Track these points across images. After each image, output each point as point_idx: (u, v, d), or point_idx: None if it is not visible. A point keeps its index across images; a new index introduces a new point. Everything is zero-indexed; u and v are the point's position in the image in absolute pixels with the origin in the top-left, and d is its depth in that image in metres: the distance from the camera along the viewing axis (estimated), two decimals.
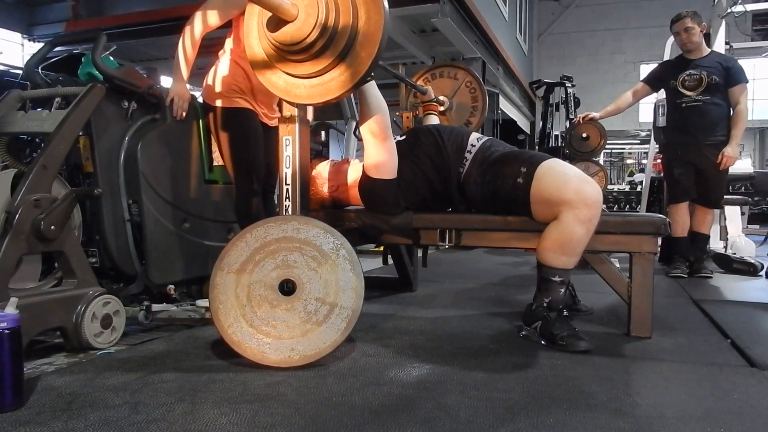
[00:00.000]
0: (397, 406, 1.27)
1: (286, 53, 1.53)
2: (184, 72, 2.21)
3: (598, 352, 1.70)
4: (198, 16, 2.16)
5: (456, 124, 2.91)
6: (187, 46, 2.17)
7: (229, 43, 2.28)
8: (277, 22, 1.48)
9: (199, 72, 2.38)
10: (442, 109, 2.90)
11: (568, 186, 1.73)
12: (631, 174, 12.01)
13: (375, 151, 1.87)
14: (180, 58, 2.18)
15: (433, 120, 2.76)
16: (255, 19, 1.62)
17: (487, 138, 2.03)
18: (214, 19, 2.17)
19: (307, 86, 1.59)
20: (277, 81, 1.63)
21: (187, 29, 2.16)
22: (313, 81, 1.57)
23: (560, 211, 1.73)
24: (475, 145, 1.98)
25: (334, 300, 1.56)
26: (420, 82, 3.00)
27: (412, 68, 7.24)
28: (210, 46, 2.33)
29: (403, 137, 2.08)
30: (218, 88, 2.24)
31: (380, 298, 2.58)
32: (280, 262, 1.58)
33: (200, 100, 2.37)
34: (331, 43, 1.49)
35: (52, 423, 1.16)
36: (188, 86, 2.27)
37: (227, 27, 2.28)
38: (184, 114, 2.25)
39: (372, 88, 1.82)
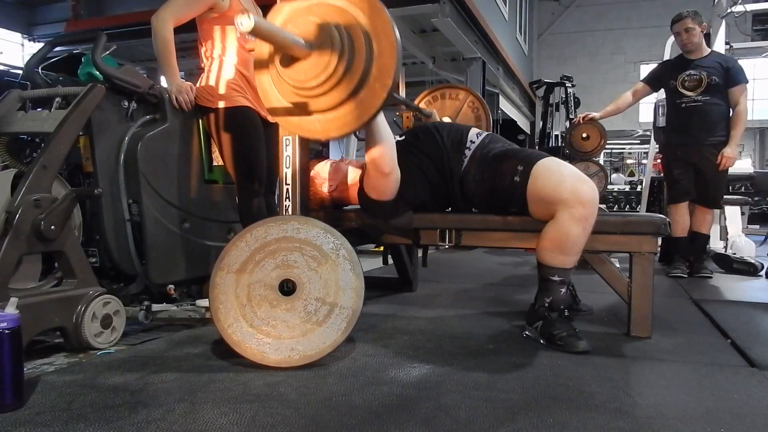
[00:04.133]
0: (397, 406, 1.26)
1: (300, 89, 1.49)
2: (174, 67, 2.23)
3: (598, 352, 1.70)
4: (164, 12, 2.18)
5: None
6: (164, 43, 2.18)
7: (218, 48, 2.29)
8: (290, 58, 1.45)
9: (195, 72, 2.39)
10: None
11: (564, 185, 1.72)
12: (631, 174, 11.95)
13: (378, 182, 1.84)
14: (164, 56, 2.20)
15: None
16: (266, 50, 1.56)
17: (486, 134, 2.02)
18: (182, 13, 2.20)
19: (322, 121, 1.53)
20: (291, 117, 1.57)
21: (158, 29, 2.17)
22: (328, 115, 1.52)
23: (556, 210, 1.72)
24: (474, 142, 1.97)
25: (334, 300, 1.56)
26: (422, 105, 3.08)
27: (412, 68, 7.26)
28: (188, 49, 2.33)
29: (403, 137, 2.07)
30: (221, 90, 2.24)
31: (380, 298, 2.58)
32: (280, 262, 1.58)
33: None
34: (345, 78, 1.44)
35: (52, 423, 1.16)
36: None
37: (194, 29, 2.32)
38: (191, 105, 2.26)
39: (379, 117, 1.74)
